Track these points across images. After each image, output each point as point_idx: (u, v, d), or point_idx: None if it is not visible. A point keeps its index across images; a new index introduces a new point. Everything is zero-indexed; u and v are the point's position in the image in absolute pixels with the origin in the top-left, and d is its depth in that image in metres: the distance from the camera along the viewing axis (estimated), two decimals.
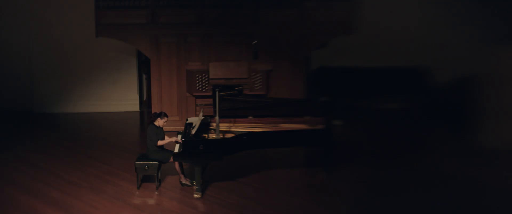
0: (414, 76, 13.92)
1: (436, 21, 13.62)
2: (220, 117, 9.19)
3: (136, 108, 14.58)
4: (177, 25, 12.30)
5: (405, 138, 12.07)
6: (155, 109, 12.33)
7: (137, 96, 14.62)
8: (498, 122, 11.22)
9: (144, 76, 14.96)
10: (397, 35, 13.68)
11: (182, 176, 9.26)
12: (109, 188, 9.15)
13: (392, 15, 13.69)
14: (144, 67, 14.62)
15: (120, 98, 14.44)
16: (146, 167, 9.01)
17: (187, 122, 9.87)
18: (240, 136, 9.09)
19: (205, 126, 9.64)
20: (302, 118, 9.93)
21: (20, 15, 14.00)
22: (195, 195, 8.79)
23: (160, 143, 9.05)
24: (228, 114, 9.78)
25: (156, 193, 9.01)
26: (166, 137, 9.24)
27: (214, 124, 9.28)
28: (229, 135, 9.26)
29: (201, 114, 9.74)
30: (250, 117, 9.94)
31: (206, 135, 9.38)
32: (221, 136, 9.12)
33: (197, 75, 12.14)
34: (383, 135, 12.29)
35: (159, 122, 9.13)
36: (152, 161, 9.02)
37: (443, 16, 13.54)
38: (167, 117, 9.23)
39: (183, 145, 8.80)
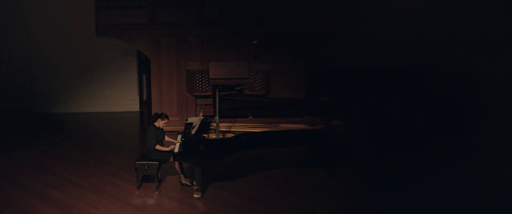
0: (414, 76, 13.90)
1: (436, 21, 13.61)
2: (220, 117, 9.18)
3: (136, 108, 14.58)
4: (177, 25, 12.30)
5: (405, 138, 12.06)
6: (155, 109, 12.33)
7: (137, 96, 14.61)
8: (498, 122, 11.22)
9: (144, 76, 14.96)
10: (397, 35, 13.66)
11: (182, 176, 9.26)
12: (109, 188, 9.16)
13: (392, 15, 13.67)
14: (144, 67, 14.62)
15: (120, 98, 14.44)
16: (146, 167, 9.02)
17: (187, 122, 9.87)
18: (240, 136, 9.09)
19: (205, 126, 9.64)
20: (302, 118, 9.93)
21: (20, 15, 14.00)
22: (195, 195, 8.80)
23: (158, 147, 9.04)
24: (228, 114, 9.78)
25: (156, 193, 9.01)
26: (164, 141, 9.24)
27: (214, 124, 9.28)
28: (229, 135, 9.26)
29: (201, 114, 9.74)
30: (250, 117, 9.94)
31: (206, 135, 9.39)
32: (221, 136, 9.12)
33: (197, 75, 12.14)
34: (383, 135, 12.28)
35: (159, 123, 9.13)
36: (152, 161, 9.02)
37: (443, 16, 13.52)
38: (167, 118, 9.22)
39: (183, 145, 8.80)
